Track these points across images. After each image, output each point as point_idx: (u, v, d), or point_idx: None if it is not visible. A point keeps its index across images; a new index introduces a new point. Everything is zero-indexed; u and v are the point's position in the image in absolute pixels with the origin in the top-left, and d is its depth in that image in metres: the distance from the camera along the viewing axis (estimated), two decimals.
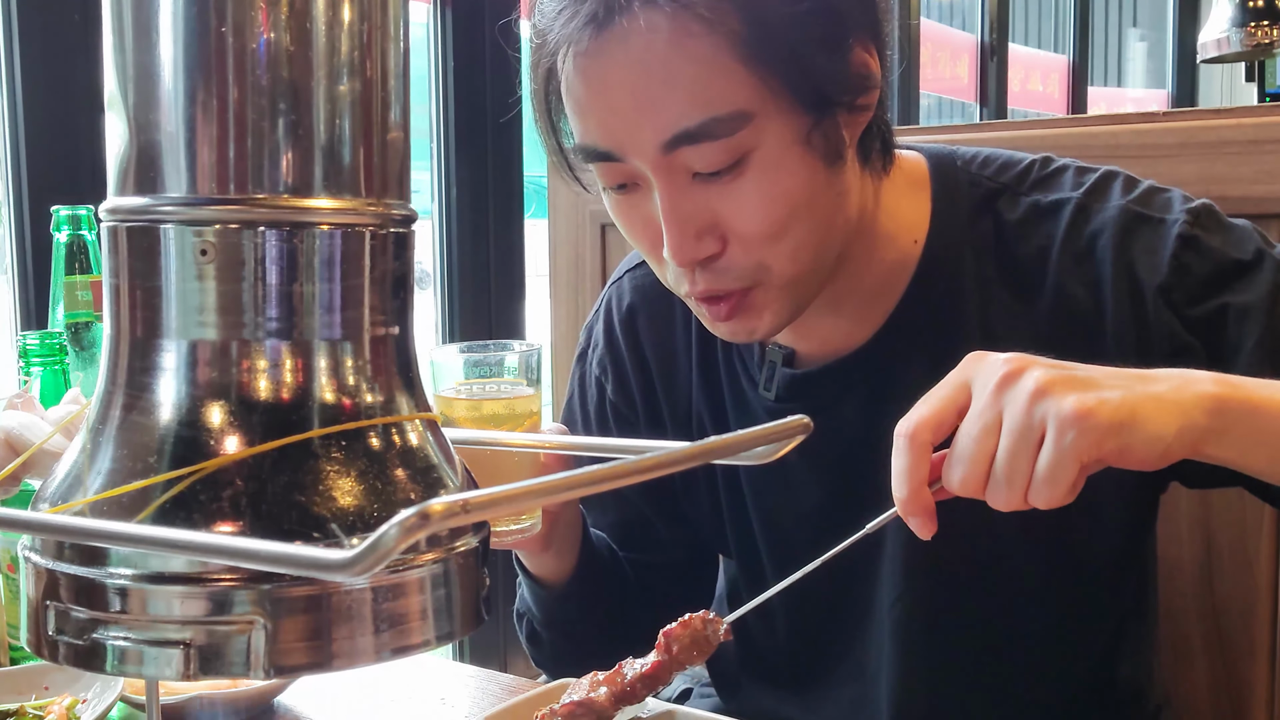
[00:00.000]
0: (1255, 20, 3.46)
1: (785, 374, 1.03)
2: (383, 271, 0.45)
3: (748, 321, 0.92)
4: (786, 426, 0.47)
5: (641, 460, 0.40)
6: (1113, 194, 0.96)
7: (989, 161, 1.01)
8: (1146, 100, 6.65)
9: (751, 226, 0.88)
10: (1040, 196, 0.98)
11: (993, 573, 1.01)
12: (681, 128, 0.84)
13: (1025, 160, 1.01)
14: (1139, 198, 0.95)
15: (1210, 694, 1.30)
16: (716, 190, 0.87)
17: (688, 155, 0.86)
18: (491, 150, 2.37)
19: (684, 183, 0.87)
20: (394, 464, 0.44)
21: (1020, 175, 0.99)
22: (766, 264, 0.89)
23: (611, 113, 0.87)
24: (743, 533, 1.11)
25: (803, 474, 1.04)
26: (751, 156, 0.86)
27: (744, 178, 0.87)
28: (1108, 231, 0.94)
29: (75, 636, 0.41)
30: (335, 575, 0.34)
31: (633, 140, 0.86)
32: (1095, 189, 0.97)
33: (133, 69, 0.43)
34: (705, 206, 0.87)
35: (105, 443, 0.43)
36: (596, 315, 1.19)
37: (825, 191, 0.91)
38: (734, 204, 0.87)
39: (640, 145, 0.86)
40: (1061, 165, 1.00)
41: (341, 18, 0.43)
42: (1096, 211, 0.95)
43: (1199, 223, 0.93)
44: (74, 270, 1.23)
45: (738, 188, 0.87)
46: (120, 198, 0.44)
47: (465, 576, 0.45)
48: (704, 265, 0.89)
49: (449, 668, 1.16)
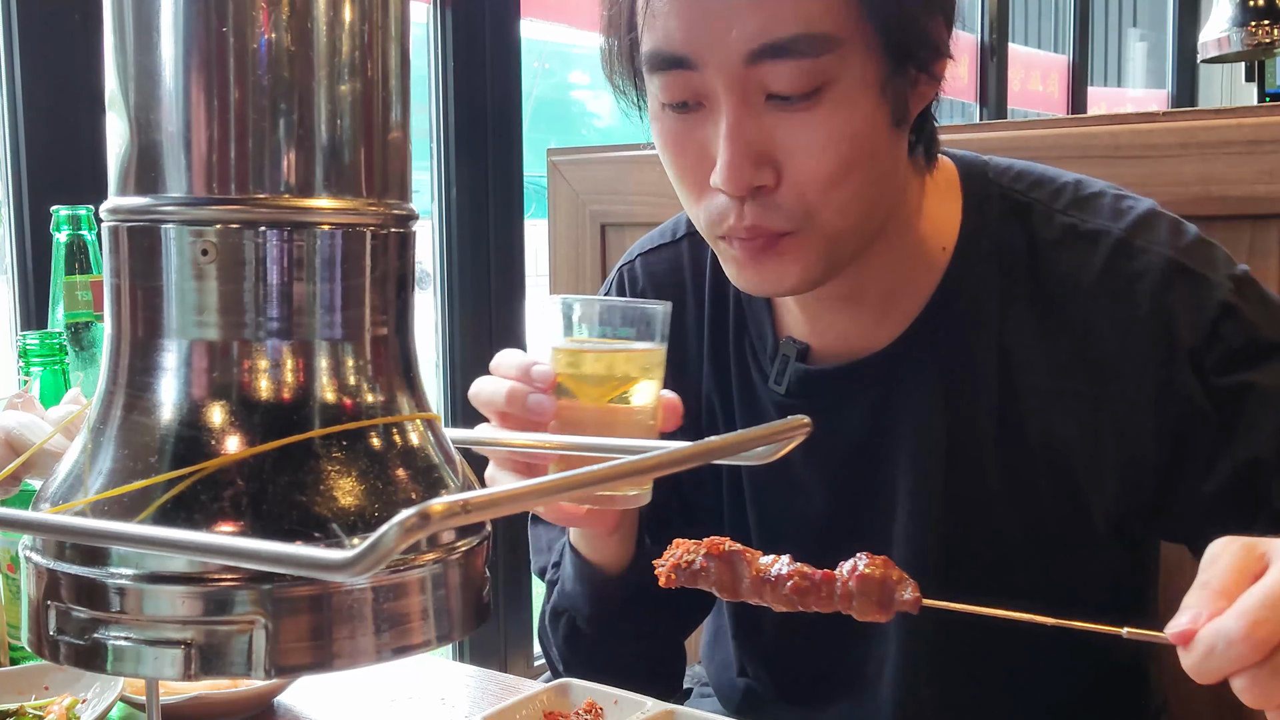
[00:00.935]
0: (1256, 20, 3.46)
1: (798, 369, 1.02)
2: (383, 271, 0.45)
3: (778, 268, 0.90)
4: (787, 426, 0.47)
5: (642, 460, 0.40)
6: (1158, 236, 0.94)
7: (1022, 176, 1.00)
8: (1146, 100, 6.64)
9: (811, 164, 0.86)
10: (1079, 220, 0.96)
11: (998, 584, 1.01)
12: (772, 37, 0.82)
13: (1060, 179, 0.99)
14: (1185, 248, 0.93)
15: (1210, 693, 1.30)
16: (785, 119, 0.85)
17: (767, 72, 0.84)
18: (491, 150, 2.37)
19: (755, 104, 0.85)
20: (395, 464, 0.44)
21: (1055, 193, 0.98)
22: (815, 210, 0.87)
23: (702, 13, 0.84)
24: (740, 533, 1.11)
25: (804, 473, 1.04)
26: (829, 89, 0.85)
27: (817, 109, 0.85)
28: (1149, 278, 0.92)
29: (76, 636, 0.41)
30: (336, 575, 0.34)
31: (717, 46, 0.84)
32: (1139, 225, 0.94)
33: (133, 69, 0.43)
34: (769, 134, 0.85)
35: (106, 443, 0.43)
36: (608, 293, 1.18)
37: (886, 151, 0.90)
38: (800, 136, 0.85)
39: (723, 53, 0.84)
40: (1099, 190, 0.98)
41: (342, 18, 0.43)
42: (1140, 252, 0.93)
43: (1240, 292, 0.92)
44: (74, 270, 1.23)
45: (808, 119, 0.85)
46: (121, 197, 0.44)
47: (465, 577, 0.45)
48: (753, 197, 0.87)
49: (449, 668, 1.16)
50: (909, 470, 0.99)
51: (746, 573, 0.77)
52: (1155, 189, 1.04)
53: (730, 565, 0.78)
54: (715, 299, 1.10)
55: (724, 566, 0.78)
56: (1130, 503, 0.96)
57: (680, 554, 0.79)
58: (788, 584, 0.76)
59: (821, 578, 0.76)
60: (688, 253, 1.12)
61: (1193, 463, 0.92)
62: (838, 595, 0.76)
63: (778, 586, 0.76)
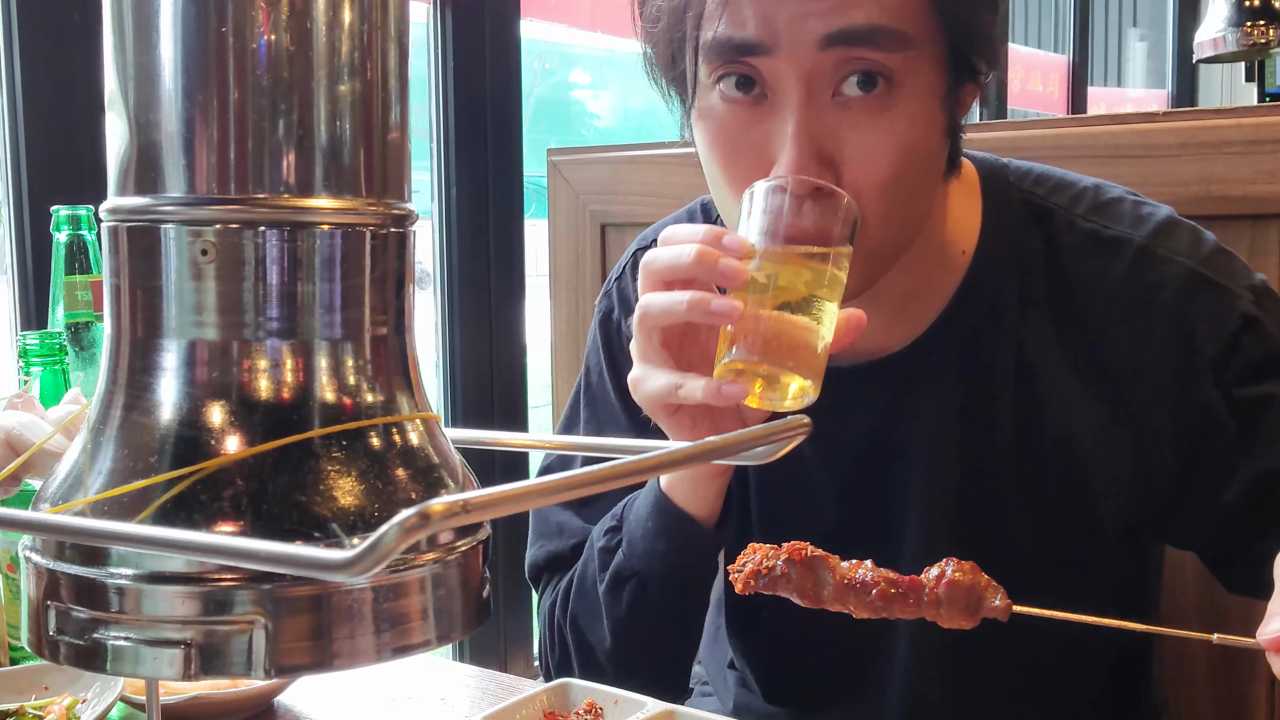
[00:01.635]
0: (1251, 20, 3.45)
1: None
2: (383, 271, 0.45)
3: None
4: (786, 426, 0.47)
5: (642, 459, 0.40)
6: (1179, 245, 0.94)
7: (1042, 180, 0.99)
8: (1146, 100, 6.64)
9: (868, 168, 0.84)
10: (1100, 226, 0.95)
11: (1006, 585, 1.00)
12: (850, 22, 0.81)
13: (1079, 183, 0.99)
14: (1206, 258, 0.93)
15: (1210, 693, 1.30)
16: (851, 118, 0.84)
17: (841, 58, 0.82)
18: (491, 150, 2.37)
19: (824, 98, 0.84)
20: (395, 464, 0.44)
21: (1075, 198, 0.97)
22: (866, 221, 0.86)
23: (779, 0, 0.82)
24: (741, 532, 1.11)
25: (809, 476, 1.04)
26: (896, 92, 0.84)
27: (884, 113, 0.84)
28: (1170, 289, 0.92)
29: (76, 636, 0.41)
30: (336, 575, 0.34)
31: (794, 28, 0.82)
32: (1160, 233, 0.94)
33: (133, 69, 0.43)
34: (833, 132, 0.84)
35: (106, 443, 0.43)
36: (624, 278, 1.14)
37: (935, 162, 0.90)
38: (864, 136, 0.84)
39: (800, 35, 0.82)
40: (1118, 195, 0.98)
41: (342, 18, 0.43)
42: (1162, 261, 0.93)
43: (1261, 303, 0.92)
44: (74, 270, 1.23)
45: (873, 121, 0.84)
46: (120, 198, 0.44)
47: (465, 576, 0.45)
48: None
49: (449, 668, 1.16)
50: (922, 472, 0.99)
51: (830, 579, 0.74)
52: (1155, 189, 1.04)
53: (812, 571, 0.75)
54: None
55: (806, 572, 0.75)
56: (1143, 510, 0.96)
57: (759, 559, 0.76)
58: (873, 590, 0.73)
59: (908, 584, 0.73)
60: None
61: (1210, 473, 0.92)
62: (925, 601, 0.73)
63: (863, 593, 0.73)
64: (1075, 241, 0.95)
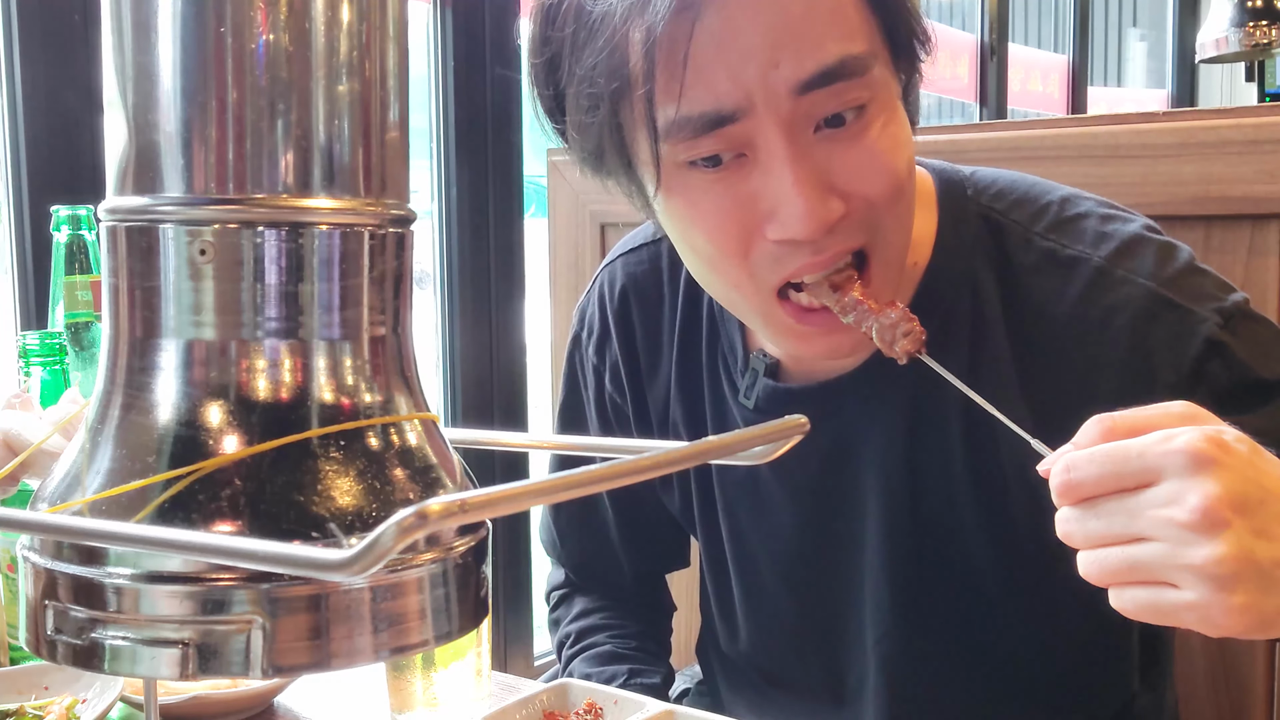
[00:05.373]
0: (1254, 20, 3.46)
1: (767, 385, 0.99)
2: (382, 271, 0.45)
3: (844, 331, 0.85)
4: (784, 426, 0.47)
5: (640, 460, 0.40)
6: (1141, 265, 0.89)
7: (1004, 194, 0.96)
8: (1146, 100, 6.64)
9: (876, 177, 0.83)
10: (1058, 245, 0.92)
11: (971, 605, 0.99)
12: (821, 65, 0.80)
13: (1045, 198, 0.95)
14: (1170, 279, 0.88)
15: (1210, 692, 1.30)
16: (839, 144, 0.83)
17: (818, 100, 0.81)
18: (491, 150, 2.37)
19: (808, 137, 0.82)
20: (393, 464, 0.44)
21: (1036, 214, 0.94)
22: (884, 225, 0.85)
23: (743, 60, 0.79)
24: (712, 539, 1.10)
25: (772, 490, 1.03)
26: (870, 106, 0.83)
27: (868, 127, 0.83)
28: (1128, 311, 0.88)
29: (74, 636, 0.41)
30: (334, 575, 0.34)
31: (766, 86, 0.80)
32: (1122, 252, 0.90)
33: (132, 69, 0.43)
34: (827, 164, 0.82)
35: (104, 442, 0.43)
36: (589, 298, 1.15)
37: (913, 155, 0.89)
38: (858, 154, 0.83)
39: (773, 91, 0.80)
40: (1084, 211, 0.93)
41: (341, 18, 0.43)
42: (1119, 282, 0.89)
43: (1229, 326, 0.87)
44: (74, 270, 1.23)
45: (861, 139, 0.83)
46: (119, 198, 0.44)
47: (464, 576, 0.45)
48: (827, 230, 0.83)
49: None
50: (878, 493, 0.98)
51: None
52: (1155, 189, 1.03)
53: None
54: (688, 303, 1.07)
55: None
56: None
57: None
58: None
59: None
60: (667, 253, 1.09)
61: None
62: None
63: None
64: (1031, 261, 0.92)
